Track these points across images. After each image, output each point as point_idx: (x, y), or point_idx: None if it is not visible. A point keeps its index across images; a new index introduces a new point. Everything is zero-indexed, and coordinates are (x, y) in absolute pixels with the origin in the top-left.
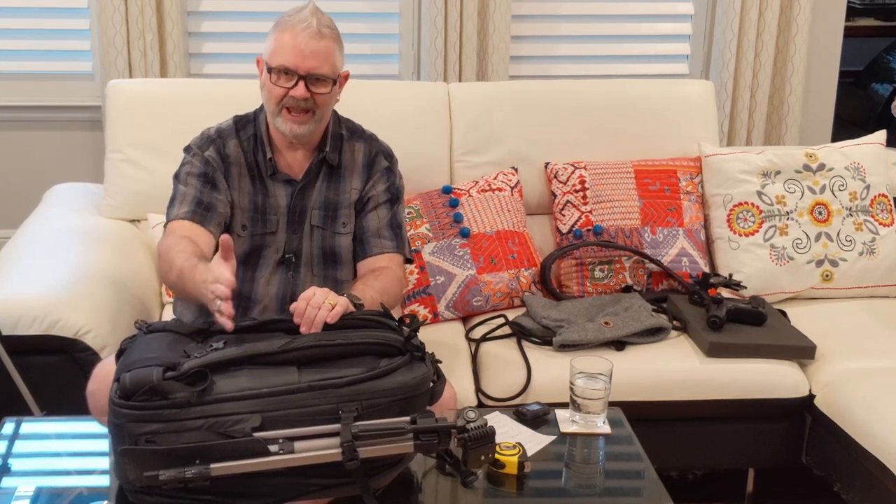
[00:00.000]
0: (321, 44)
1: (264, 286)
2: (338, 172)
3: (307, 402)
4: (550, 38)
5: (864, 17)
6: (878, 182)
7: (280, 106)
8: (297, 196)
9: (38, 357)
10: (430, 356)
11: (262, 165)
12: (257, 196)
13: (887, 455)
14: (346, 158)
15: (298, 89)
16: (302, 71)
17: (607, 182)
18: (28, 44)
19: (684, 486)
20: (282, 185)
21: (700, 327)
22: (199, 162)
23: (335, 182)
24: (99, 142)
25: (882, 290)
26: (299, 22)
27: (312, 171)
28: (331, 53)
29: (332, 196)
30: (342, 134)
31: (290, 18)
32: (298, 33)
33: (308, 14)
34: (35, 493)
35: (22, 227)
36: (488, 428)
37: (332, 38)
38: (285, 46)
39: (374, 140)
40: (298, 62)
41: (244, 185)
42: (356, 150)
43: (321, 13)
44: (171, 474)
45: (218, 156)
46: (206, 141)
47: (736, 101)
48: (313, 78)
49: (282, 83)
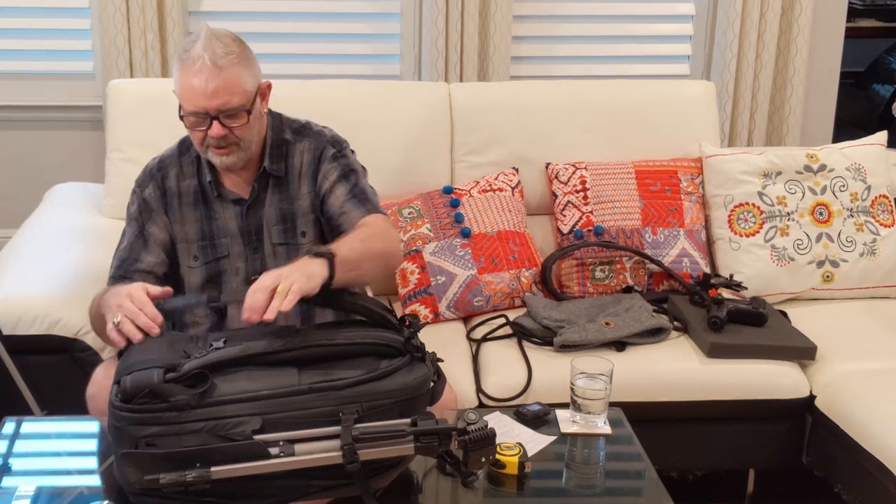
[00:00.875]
0: (221, 78)
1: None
2: (286, 181)
3: (307, 404)
4: (551, 38)
5: (865, 18)
6: (879, 183)
7: (204, 145)
8: (247, 215)
9: (38, 357)
10: (430, 356)
11: (207, 189)
12: (204, 222)
13: (888, 456)
14: (294, 163)
15: (214, 129)
16: (212, 111)
17: (608, 182)
18: (29, 43)
19: (685, 487)
20: (230, 205)
21: (701, 328)
22: (134, 205)
23: (286, 191)
24: (100, 141)
25: (883, 290)
26: (193, 61)
27: (256, 187)
28: (236, 83)
29: (286, 206)
30: (286, 139)
31: (184, 55)
32: (194, 75)
33: (200, 49)
34: (35, 492)
35: (23, 227)
36: (489, 430)
37: (234, 63)
38: (187, 90)
39: (320, 134)
40: (205, 104)
41: (188, 216)
42: (303, 151)
43: (216, 38)
44: (172, 478)
45: (158, 191)
46: (146, 177)
47: (737, 101)
48: (225, 114)
49: (197, 126)
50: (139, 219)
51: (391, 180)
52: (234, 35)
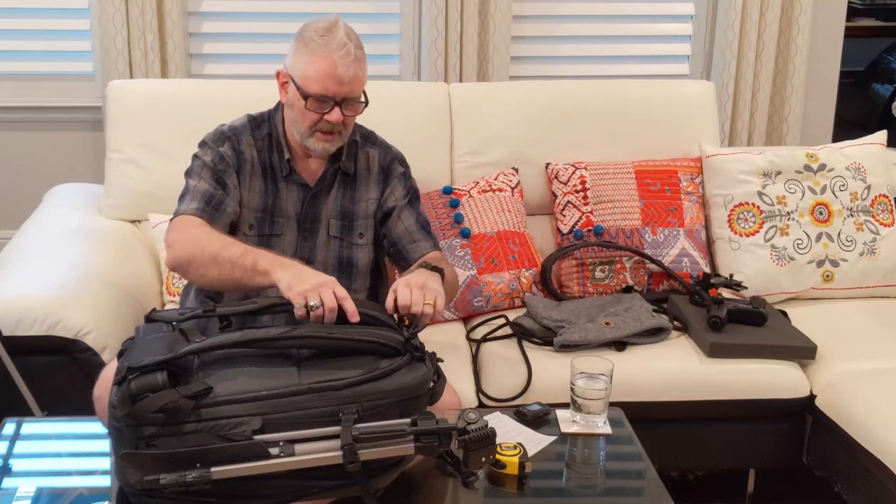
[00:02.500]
0: (359, 67)
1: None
2: (353, 180)
3: (307, 404)
4: (551, 38)
5: (864, 18)
6: (879, 182)
7: (313, 129)
8: (308, 203)
9: (38, 357)
10: (430, 356)
11: (278, 166)
12: (268, 197)
13: (888, 455)
14: (360, 166)
15: (334, 114)
16: (339, 97)
17: (608, 182)
18: (29, 44)
19: (685, 487)
20: (295, 188)
21: (701, 328)
22: (212, 157)
23: (350, 190)
24: (99, 142)
25: (883, 290)
26: (337, 47)
27: (326, 178)
28: (365, 75)
29: (348, 205)
30: (356, 140)
31: (323, 40)
32: (338, 60)
33: (343, 36)
34: (36, 493)
35: (22, 228)
36: (489, 430)
37: (364, 55)
38: (323, 73)
39: (387, 147)
40: (337, 89)
41: (255, 185)
42: (371, 158)
43: (350, 29)
44: (172, 478)
45: (232, 152)
46: (220, 137)
47: (737, 101)
48: (348, 102)
49: (318, 109)
50: (215, 169)
51: None
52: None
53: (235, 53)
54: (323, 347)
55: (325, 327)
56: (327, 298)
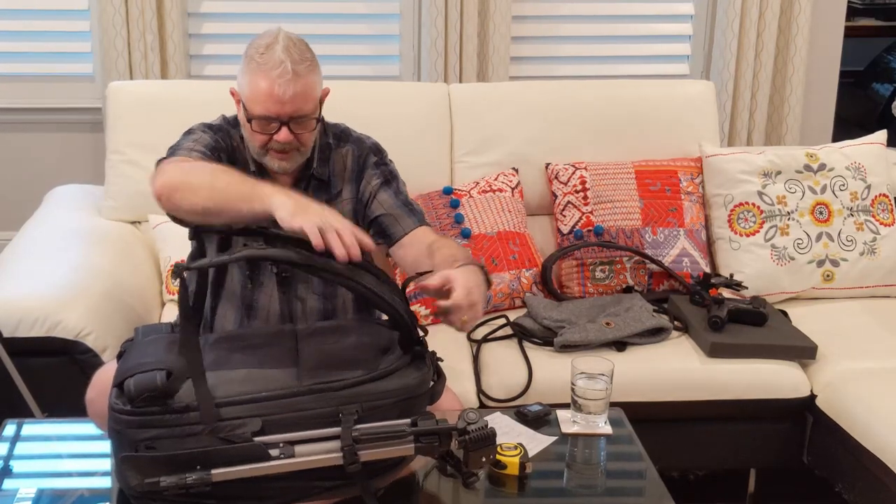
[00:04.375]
0: (299, 84)
1: (266, 297)
2: (328, 185)
3: (307, 405)
4: (551, 38)
5: (864, 17)
6: (879, 182)
7: (266, 148)
8: None
9: (39, 359)
10: (430, 355)
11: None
12: None
13: (889, 455)
14: (336, 168)
15: (282, 134)
16: (284, 117)
17: (608, 182)
18: (28, 46)
19: (686, 487)
20: None
21: (701, 328)
22: (209, 137)
23: (326, 195)
24: (99, 143)
25: (883, 290)
26: (273, 66)
27: (299, 186)
28: (311, 90)
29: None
30: (329, 143)
31: (262, 59)
32: (274, 80)
33: (280, 53)
34: (36, 495)
35: (22, 229)
36: (489, 430)
37: (309, 70)
38: (262, 95)
39: (361, 141)
40: (279, 110)
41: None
42: (346, 157)
43: (293, 43)
44: (172, 481)
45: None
46: (212, 127)
47: (736, 101)
48: (295, 121)
49: (264, 130)
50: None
51: None
52: (304, 41)
53: (235, 54)
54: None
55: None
56: (343, 226)
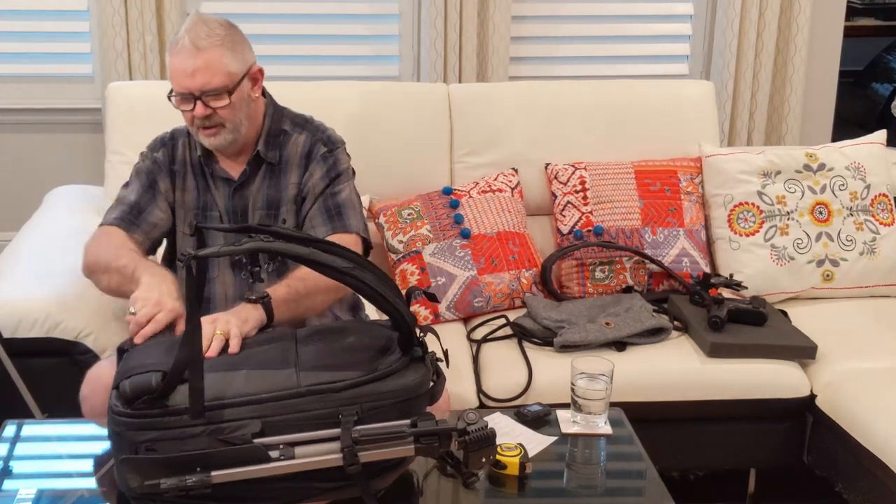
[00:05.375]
0: (202, 58)
1: (220, 287)
2: (278, 169)
3: (307, 406)
4: (550, 38)
5: (864, 17)
6: (879, 182)
7: (194, 126)
8: (235, 196)
9: (39, 360)
10: (430, 355)
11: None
12: (201, 194)
13: (889, 455)
14: (288, 153)
15: (197, 109)
16: (194, 91)
17: (608, 183)
18: (28, 46)
19: (686, 487)
20: (221, 184)
21: (701, 328)
22: (146, 163)
23: (275, 179)
24: (99, 144)
25: (883, 289)
26: (175, 44)
27: (248, 171)
28: (216, 63)
29: (274, 194)
30: (284, 129)
31: (172, 39)
32: (177, 56)
33: (183, 33)
34: (37, 495)
35: (22, 230)
36: (489, 430)
37: (216, 45)
38: (172, 72)
39: (318, 129)
40: (187, 83)
41: (189, 184)
42: (298, 142)
43: (201, 23)
44: (172, 483)
45: (166, 158)
46: (157, 143)
47: (736, 101)
48: (208, 94)
49: (183, 107)
50: (150, 174)
51: (390, 181)
52: (223, 21)
53: None
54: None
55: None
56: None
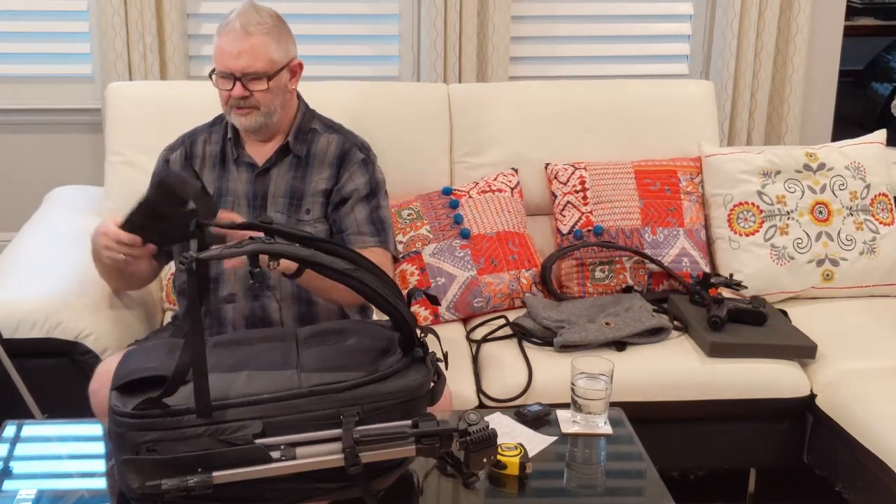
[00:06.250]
0: (248, 42)
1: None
2: (305, 162)
3: (308, 407)
4: (550, 38)
5: (863, 17)
6: (879, 181)
7: (229, 105)
8: (256, 181)
9: (39, 360)
10: (430, 356)
11: (228, 151)
12: (218, 181)
13: (889, 454)
14: (318, 149)
15: (235, 89)
16: (236, 72)
17: (607, 182)
18: (28, 47)
19: (686, 487)
20: (244, 169)
21: (701, 327)
22: (159, 163)
23: (302, 171)
24: (99, 144)
25: (883, 289)
26: (226, 26)
27: (274, 159)
28: (262, 49)
29: (298, 184)
30: (314, 128)
31: (221, 24)
32: (225, 36)
33: (235, 16)
34: (37, 496)
35: (22, 231)
36: (490, 431)
37: (264, 32)
38: (218, 52)
39: (350, 134)
40: (231, 64)
41: (208, 176)
42: (330, 142)
43: (253, 10)
44: (173, 483)
45: (182, 156)
46: (177, 142)
47: (736, 100)
48: (248, 77)
49: (222, 86)
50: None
51: (390, 181)
52: (273, 12)
53: None
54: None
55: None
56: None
